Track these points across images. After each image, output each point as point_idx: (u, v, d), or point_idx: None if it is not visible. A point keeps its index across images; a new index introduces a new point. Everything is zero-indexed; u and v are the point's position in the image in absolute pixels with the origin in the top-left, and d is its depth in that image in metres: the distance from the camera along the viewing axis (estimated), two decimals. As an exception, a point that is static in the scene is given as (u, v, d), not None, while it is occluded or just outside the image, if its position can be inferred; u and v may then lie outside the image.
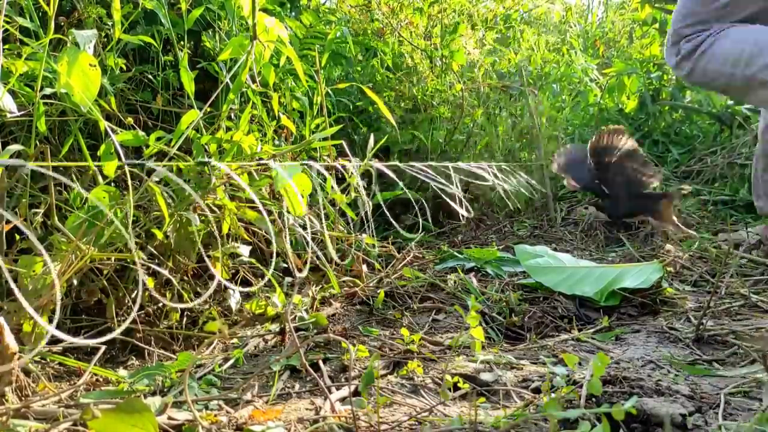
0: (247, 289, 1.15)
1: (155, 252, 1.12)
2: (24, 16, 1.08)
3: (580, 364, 0.91)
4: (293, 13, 1.80)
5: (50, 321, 0.96)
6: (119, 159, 0.99)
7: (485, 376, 0.89)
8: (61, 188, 1.12)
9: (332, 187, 1.33)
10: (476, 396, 0.85)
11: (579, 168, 1.98)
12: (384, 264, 1.52)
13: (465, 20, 2.31)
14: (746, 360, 0.97)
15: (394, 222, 1.25)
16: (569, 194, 2.62)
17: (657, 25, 3.25)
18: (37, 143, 0.97)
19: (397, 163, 1.26)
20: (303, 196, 1.08)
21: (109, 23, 1.20)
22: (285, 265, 1.38)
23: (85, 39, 0.92)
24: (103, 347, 0.97)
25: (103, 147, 1.02)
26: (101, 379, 0.94)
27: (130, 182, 0.85)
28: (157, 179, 1.03)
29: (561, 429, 0.71)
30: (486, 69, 2.42)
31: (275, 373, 0.92)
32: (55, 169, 1.09)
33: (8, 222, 0.93)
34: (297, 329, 1.09)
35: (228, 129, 1.22)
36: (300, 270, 1.31)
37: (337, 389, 0.85)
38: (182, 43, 1.31)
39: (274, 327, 1.12)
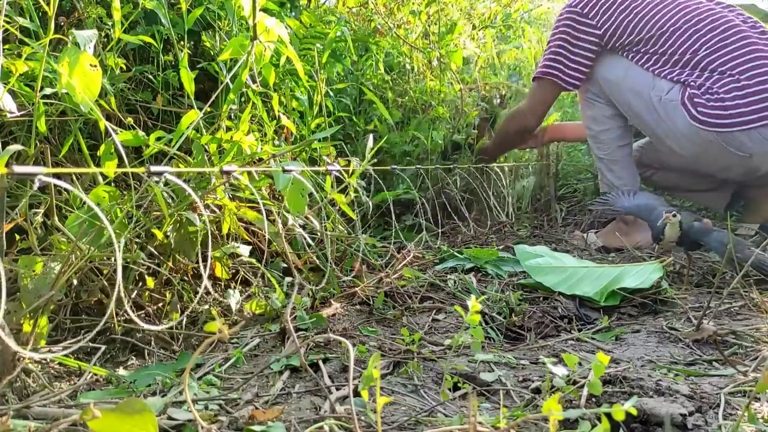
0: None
1: (155, 252, 1.12)
2: (24, 16, 1.08)
3: (580, 364, 0.90)
4: (293, 13, 1.80)
5: (51, 321, 0.96)
6: (119, 159, 0.99)
7: (485, 376, 0.89)
8: (60, 188, 1.12)
9: (332, 187, 1.33)
10: (476, 396, 0.85)
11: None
12: (384, 264, 1.52)
13: (464, 19, 2.30)
14: (747, 359, 0.97)
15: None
16: (570, 194, 2.62)
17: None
18: (37, 143, 0.97)
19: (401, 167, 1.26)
20: (302, 196, 1.08)
21: (109, 23, 1.20)
22: (285, 265, 1.38)
23: (85, 39, 0.92)
24: (103, 347, 0.97)
25: (103, 147, 1.02)
26: (101, 379, 0.94)
27: (131, 182, 0.85)
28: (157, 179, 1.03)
29: (561, 429, 0.71)
30: (483, 68, 2.41)
31: (275, 373, 0.92)
32: (54, 167, 1.08)
33: (8, 221, 0.93)
34: (297, 329, 1.09)
35: (228, 129, 1.22)
36: (300, 270, 1.31)
37: (337, 389, 0.85)
38: (182, 43, 1.31)
39: (274, 327, 1.12)
